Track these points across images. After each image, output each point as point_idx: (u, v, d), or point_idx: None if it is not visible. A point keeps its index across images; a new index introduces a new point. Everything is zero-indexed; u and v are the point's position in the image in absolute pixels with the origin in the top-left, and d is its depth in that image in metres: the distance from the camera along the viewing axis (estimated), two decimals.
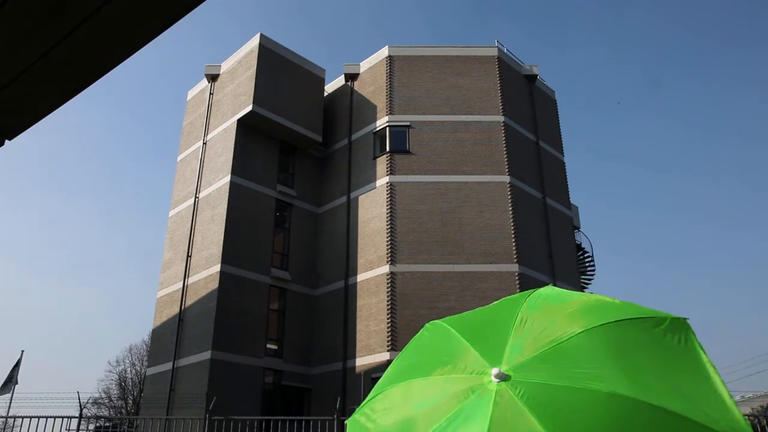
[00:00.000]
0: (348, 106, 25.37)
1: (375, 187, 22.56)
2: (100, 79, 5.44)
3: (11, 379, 16.10)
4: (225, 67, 25.27)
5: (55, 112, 6.00)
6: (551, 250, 22.79)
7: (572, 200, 26.15)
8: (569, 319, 1.76)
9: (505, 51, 25.23)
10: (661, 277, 76.11)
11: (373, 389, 2.00)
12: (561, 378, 1.55)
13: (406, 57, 24.50)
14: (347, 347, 20.85)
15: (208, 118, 25.11)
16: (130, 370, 45.78)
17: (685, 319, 1.78)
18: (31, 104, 5.83)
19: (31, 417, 13.15)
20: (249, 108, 22.66)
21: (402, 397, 1.84)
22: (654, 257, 77.86)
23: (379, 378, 2.36)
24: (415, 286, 20.35)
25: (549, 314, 1.82)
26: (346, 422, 2.00)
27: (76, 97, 5.74)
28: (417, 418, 1.69)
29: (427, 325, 2.15)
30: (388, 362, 18.64)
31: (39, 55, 4.93)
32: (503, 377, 1.61)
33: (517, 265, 20.54)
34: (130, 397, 44.91)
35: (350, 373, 20.35)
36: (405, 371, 1.93)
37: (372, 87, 24.66)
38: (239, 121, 23.10)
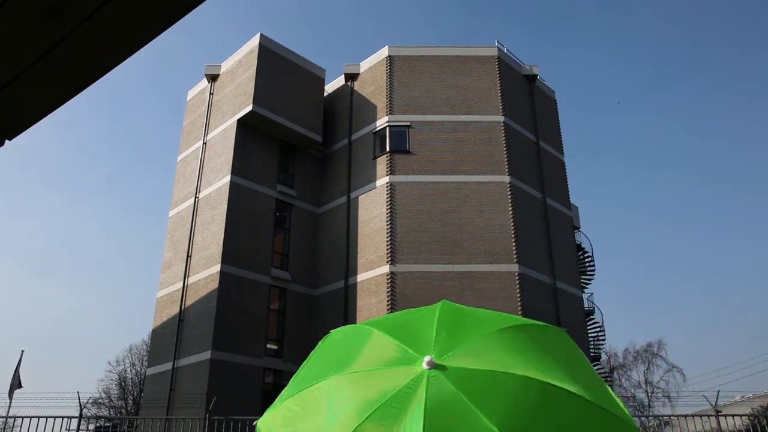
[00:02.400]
0: (348, 106, 25.37)
1: (375, 187, 22.56)
2: (100, 79, 5.44)
3: (16, 379, 16.08)
4: (225, 67, 25.27)
5: (55, 112, 6.00)
6: (551, 250, 22.79)
7: (572, 200, 26.15)
8: (483, 321, 2.05)
9: (505, 51, 25.24)
10: (661, 277, 76.02)
11: (285, 390, 2.02)
12: (483, 364, 1.77)
13: (406, 57, 24.50)
14: None
15: (208, 118, 25.11)
16: (130, 370, 45.81)
17: (563, 329, 2.18)
18: (31, 104, 5.83)
19: (31, 417, 13.14)
20: (249, 108, 22.66)
21: (325, 394, 1.88)
22: (654, 257, 77.74)
23: None
24: (415, 286, 20.35)
25: (464, 319, 2.09)
26: (255, 424, 1.93)
27: (76, 97, 5.74)
28: (347, 410, 1.75)
29: (333, 330, 2.25)
30: None
31: (39, 55, 4.93)
32: (434, 365, 1.75)
33: (517, 265, 20.54)
34: (130, 397, 44.90)
35: None
36: (322, 370, 2.00)
37: (372, 87, 24.66)
38: (239, 121, 23.10)
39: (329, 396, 1.85)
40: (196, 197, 23.72)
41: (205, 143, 24.66)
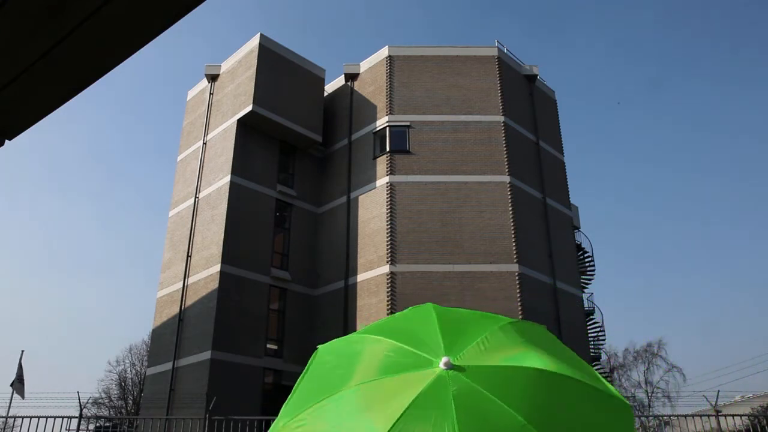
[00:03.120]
0: (348, 106, 25.37)
1: (375, 187, 22.56)
2: (100, 79, 5.44)
3: (20, 380, 16.04)
4: (225, 67, 25.27)
5: (55, 112, 6.01)
6: (551, 250, 22.79)
7: (572, 200, 26.15)
8: (479, 321, 1.95)
9: (505, 51, 25.24)
10: (661, 277, 76.01)
11: (291, 406, 1.82)
12: (497, 361, 1.73)
13: (406, 57, 24.50)
14: None
15: (208, 118, 25.11)
16: (130, 370, 45.82)
17: (629, 405, 1.87)
18: (31, 104, 5.83)
19: (31, 417, 13.14)
20: (249, 108, 22.65)
21: (335, 411, 1.72)
22: (654, 257, 77.75)
23: None
24: (415, 286, 20.35)
25: (461, 319, 1.99)
26: None
27: (76, 97, 5.74)
28: (368, 424, 1.62)
29: (321, 347, 2.05)
30: None
31: (39, 55, 4.93)
32: (451, 366, 1.69)
33: (517, 265, 20.53)
34: (130, 397, 44.90)
35: None
36: (327, 385, 1.82)
37: (372, 87, 24.66)
38: (239, 121, 23.10)
39: (342, 412, 1.70)
40: (196, 197, 23.72)
41: (205, 143, 24.66)
